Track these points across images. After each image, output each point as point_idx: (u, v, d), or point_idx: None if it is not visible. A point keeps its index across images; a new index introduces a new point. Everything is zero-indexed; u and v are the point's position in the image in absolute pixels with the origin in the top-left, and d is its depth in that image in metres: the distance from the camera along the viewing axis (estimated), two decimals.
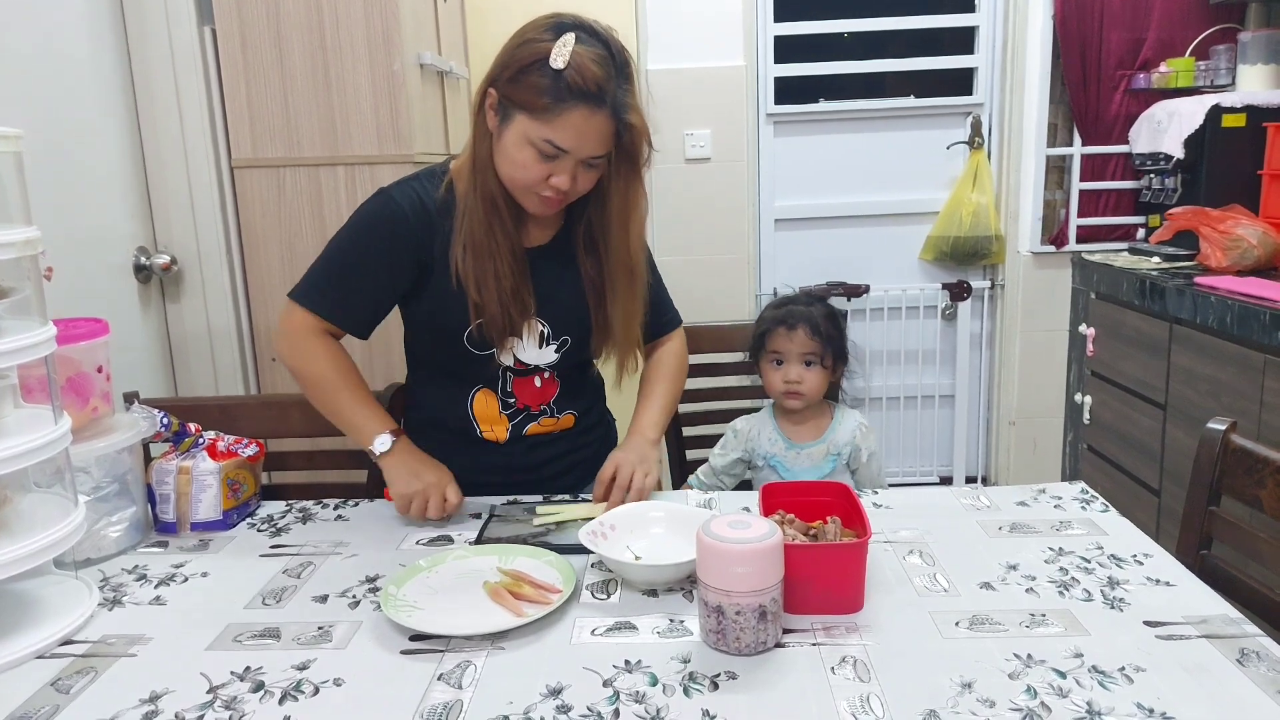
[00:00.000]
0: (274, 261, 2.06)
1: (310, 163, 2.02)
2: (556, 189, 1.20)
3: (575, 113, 1.14)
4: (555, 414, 1.41)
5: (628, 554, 1.08)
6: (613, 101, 1.16)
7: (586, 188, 1.25)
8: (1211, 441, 1.19)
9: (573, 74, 1.13)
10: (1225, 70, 2.65)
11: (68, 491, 1.05)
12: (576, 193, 1.24)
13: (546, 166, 1.19)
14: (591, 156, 1.19)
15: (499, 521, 1.23)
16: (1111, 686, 0.82)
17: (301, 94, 1.99)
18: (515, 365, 1.36)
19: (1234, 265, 2.20)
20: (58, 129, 1.74)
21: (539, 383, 1.39)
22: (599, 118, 1.15)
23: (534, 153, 1.18)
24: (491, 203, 1.25)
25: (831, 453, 1.53)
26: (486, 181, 1.24)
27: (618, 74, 1.17)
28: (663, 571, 1.03)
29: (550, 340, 1.35)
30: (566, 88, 1.13)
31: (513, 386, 1.38)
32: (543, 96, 1.14)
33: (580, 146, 1.17)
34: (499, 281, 1.26)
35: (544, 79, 1.14)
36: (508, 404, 1.38)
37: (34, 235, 0.98)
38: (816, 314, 1.51)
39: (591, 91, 1.14)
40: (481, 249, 1.25)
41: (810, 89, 3.02)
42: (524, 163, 1.19)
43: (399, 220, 1.27)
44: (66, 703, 0.84)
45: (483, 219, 1.25)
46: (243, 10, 1.96)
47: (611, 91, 1.15)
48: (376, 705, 0.83)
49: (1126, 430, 2.43)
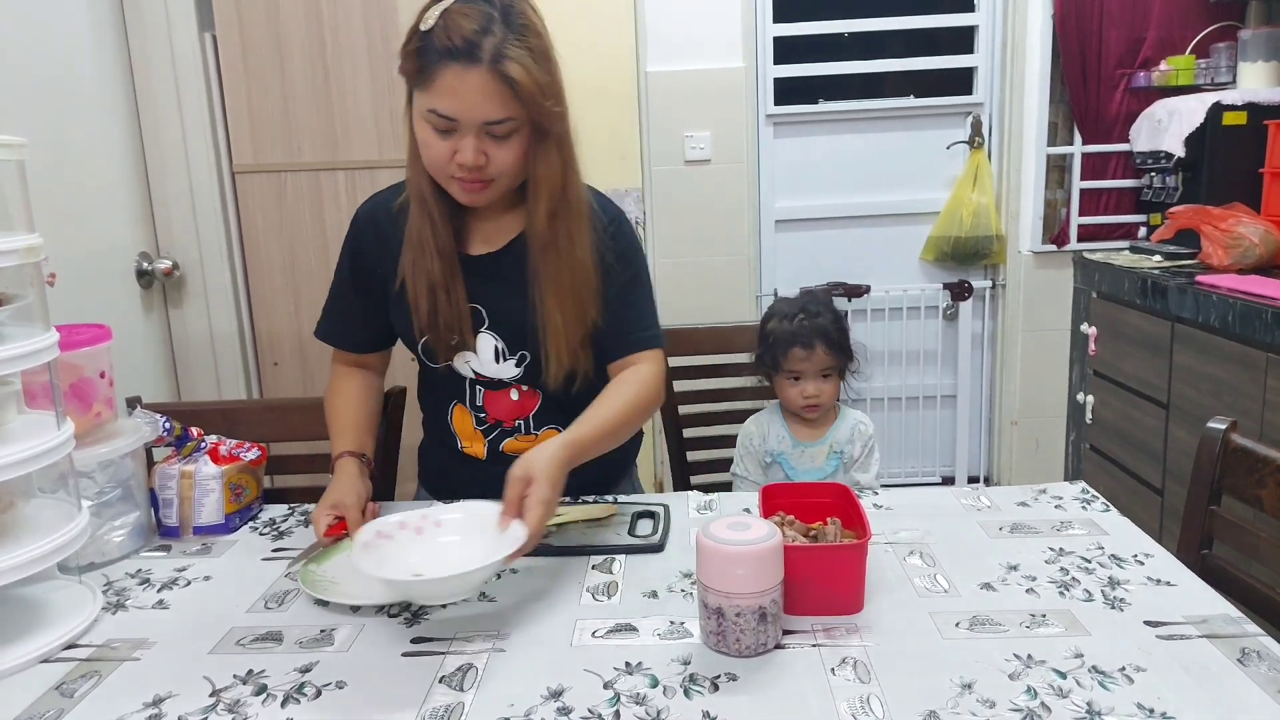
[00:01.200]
0: (275, 266, 2.07)
1: (311, 167, 2.03)
2: (463, 166, 1.12)
3: (447, 72, 1.07)
4: (533, 430, 1.33)
5: (404, 572, 0.98)
6: (491, 54, 1.06)
7: (507, 164, 1.14)
8: (1212, 441, 1.19)
9: (439, 32, 1.06)
10: (1226, 68, 2.65)
11: (71, 497, 1.05)
12: (497, 171, 1.14)
13: (448, 142, 1.11)
14: (485, 121, 1.10)
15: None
16: (1112, 686, 0.82)
17: (302, 99, 2.00)
18: (478, 378, 1.31)
19: (1236, 264, 2.20)
20: (60, 136, 1.74)
21: (515, 395, 1.32)
22: (474, 74, 1.06)
23: (430, 129, 1.11)
24: (420, 198, 1.21)
25: (834, 450, 1.54)
26: (415, 178, 1.20)
27: (505, 25, 1.07)
28: (446, 585, 0.94)
29: (507, 355, 1.29)
30: (434, 48, 1.07)
31: (483, 400, 1.33)
32: (415, 61, 1.09)
33: (464, 110, 1.08)
34: (430, 280, 1.22)
35: (416, 44, 1.09)
36: (480, 419, 1.34)
37: (36, 242, 0.98)
38: (828, 325, 1.51)
39: (459, 47, 1.05)
40: (414, 246, 1.22)
41: (810, 90, 3.02)
42: (427, 141, 1.13)
43: (360, 235, 1.32)
44: (71, 706, 0.85)
45: (416, 216, 1.21)
46: (243, 16, 1.97)
47: (488, 45, 1.06)
48: (378, 708, 0.83)
49: (1129, 430, 2.43)
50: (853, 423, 1.55)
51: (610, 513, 1.24)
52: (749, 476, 1.57)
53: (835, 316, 1.54)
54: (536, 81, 1.09)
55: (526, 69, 1.08)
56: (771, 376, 1.57)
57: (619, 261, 1.27)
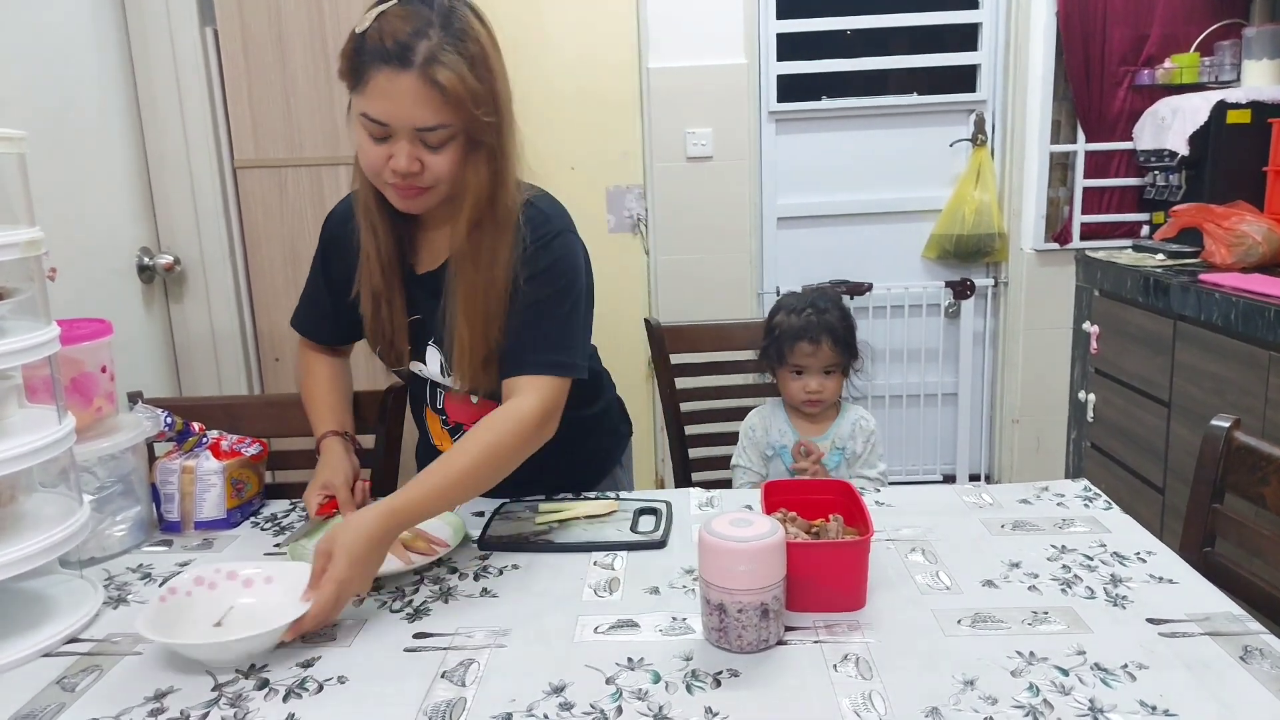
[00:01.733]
0: (276, 261, 2.07)
1: (312, 163, 2.02)
2: (396, 171, 1.08)
3: (379, 75, 1.04)
4: None
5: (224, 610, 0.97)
6: (424, 59, 1.03)
7: (443, 172, 1.10)
8: (1215, 439, 1.18)
9: (373, 34, 1.04)
10: (1230, 66, 2.64)
11: (72, 491, 1.05)
12: (435, 179, 1.10)
13: (383, 148, 1.08)
14: (417, 127, 1.06)
15: (501, 520, 1.23)
16: (1114, 684, 0.82)
17: (303, 94, 1.99)
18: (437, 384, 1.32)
19: (1239, 262, 2.20)
20: (61, 130, 1.74)
21: (475, 399, 1.30)
22: (405, 79, 1.03)
23: (365, 134, 1.09)
24: (365, 210, 1.19)
25: (837, 446, 1.54)
26: (360, 188, 1.19)
27: (442, 30, 1.04)
28: (226, 649, 0.89)
29: (448, 372, 1.27)
30: (366, 50, 1.04)
31: (443, 404, 1.34)
32: (349, 63, 1.07)
33: (395, 114, 1.05)
34: (373, 291, 1.22)
35: (351, 46, 1.07)
36: (444, 420, 1.36)
37: (37, 236, 0.98)
38: (835, 322, 1.51)
39: (390, 50, 1.02)
40: (361, 259, 1.22)
41: (812, 86, 3.02)
42: (362, 147, 1.10)
43: (331, 235, 1.32)
44: (72, 701, 0.85)
45: (361, 229, 1.21)
46: (244, 11, 1.96)
47: (422, 49, 1.03)
48: (380, 702, 0.83)
49: (1130, 428, 2.43)
50: (854, 419, 1.55)
51: (611, 509, 1.24)
52: (751, 467, 1.57)
53: (843, 314, 1.54)
54: (469, 89, 1.05)
55: (460, 76, 1.04)
56: (775, 370, 1.56)
57: (532, 280, 1.17)
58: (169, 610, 0.94)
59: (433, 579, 1.08)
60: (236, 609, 0.97)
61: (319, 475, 1.23)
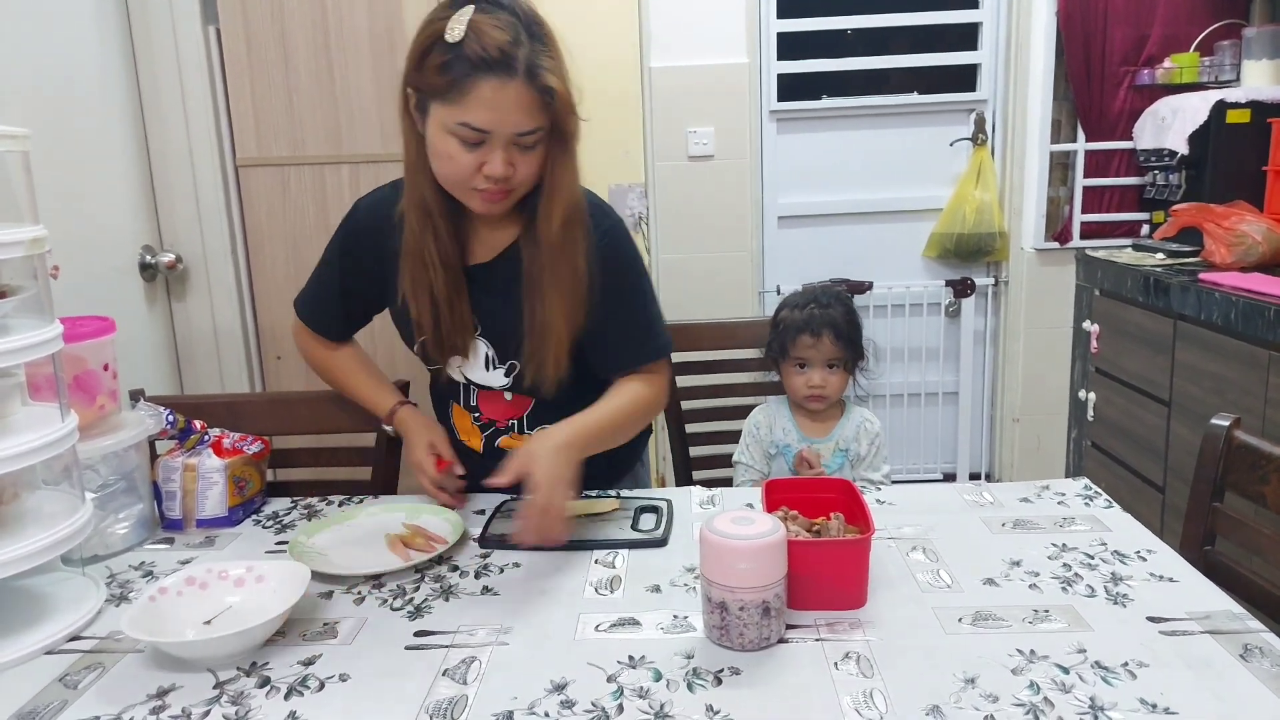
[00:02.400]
0: (279, 260, 2.07)
1: (315, 161, 2.02)
2: (491, 178, 1.10)
3: (484, 85, 1.04)
4: (526, 430, 1.33)
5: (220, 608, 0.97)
6: (525, 66, 1.04)
7: (529, 174, 1.13)
8: (1215, 437, 1.19)
9: (472, 44, 1.03)
10: (1230, 66, 2.64)
11: (75, 489, 1.05)
12: (520, 181, 1.13)
13: (475, 155, 1.09)
14: (518, 132, 1.08)
15: (503, 518, 1.23)
16: (1115, 682, 0.83)
17: (306, 93, 1.99)
18: (466, 383, 1.32)
19: (1238, 261, 2.20)
20: (64, 128, 1.74)
21: (509, 397, 1.32)
22: (512, 87, 1.04)
23: (457, 142, 1.08)
24: (424, 210, 1.18)
25: (840, 448, 1.54)
26: (418, 188, 1.17)
27: (529, 36, 1.05)
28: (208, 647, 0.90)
29: (496, 364, 1.28)
30: (468, 60, 1.03)
31: (478, 401, 1.34)
32: (445, 75, 1.05)
33: (500, 123, 1.06)
34: (433, 295, 1.21)
35: (444, 56, 1.05)
36: (476, 418, 1.36)
37: (40, 234, 0.98)
38: (839, 317, 1.51)
39: (495, 58, 1.03)
40: (416, 260, 1.20)
41: (813, 86, 3.02)
42: (450, 154, 1.09)
43: (359, 230, 1.31)
44: (74, 698, 0.85)
45: (416, 229, 1.18)
46: (247, 9, 1.96)
47: (522, 56, 1.04)
48: (382, 700, 0.83)
49: (1130, 427, 2.43)
50: (859, 420, 1.55)
51: (613, 507, 1.24)
52: (753, 464, 1.57)
53: (848, 310, 1.54)
54: (568, 89, 1.09)
55: (560, 78, 1.07)
56: (779, 365, 1.56)
57: (613, 273, 1.24)
58: (159, 609, 0.94)
59: (434, 577, 1.08)
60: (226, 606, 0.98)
61: (418, 439, 1.28)
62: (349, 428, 1.56)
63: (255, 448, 1.31)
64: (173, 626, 0.93)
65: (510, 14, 1.06)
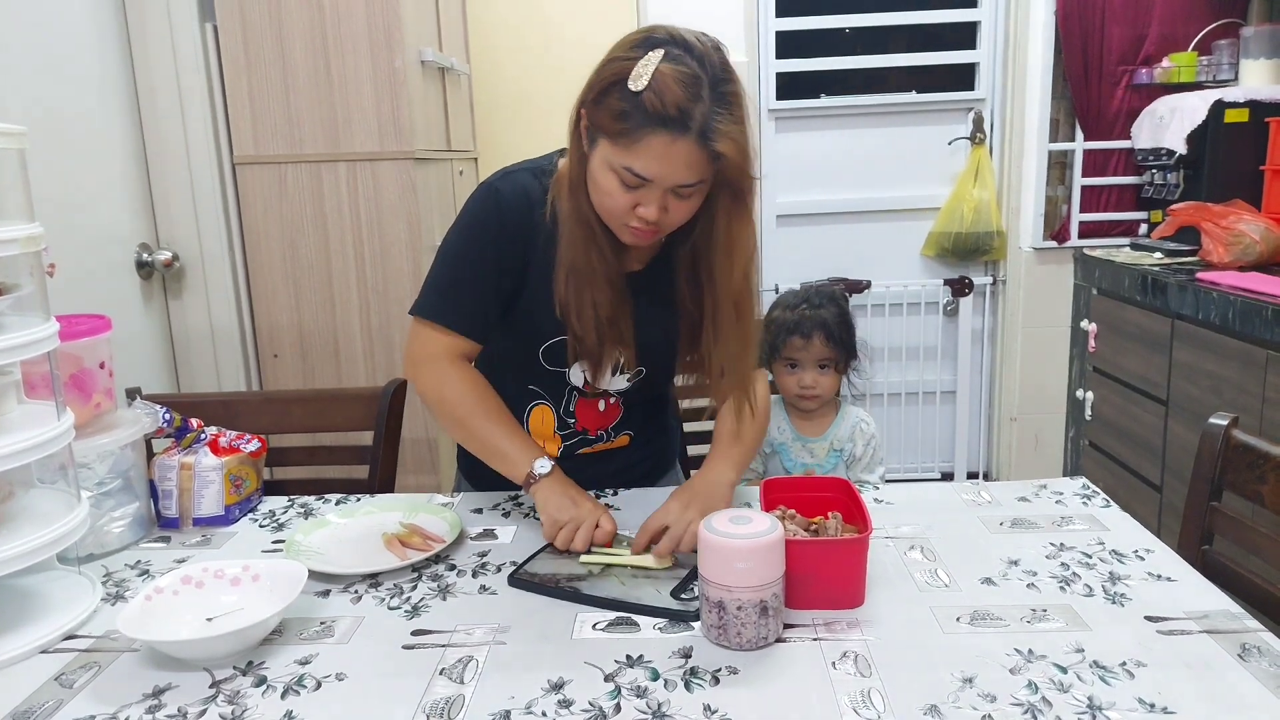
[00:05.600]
0: (275, 258, 2.07)
1: (312, 159, 2.02)
2: (644, 220, 1.09)
3: (655, 139, 1.03)
4: (609, 438, 1.34)
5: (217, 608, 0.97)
6: (700, 127, 1.02)
7: (681, 218, 1.13)
8: (1213, 437, 1.19)
9: (651, 96, 1.01)
10: (1228, 65, 2.65)
11: (71, 487, 1.05)
12: (670, 224, 1.12)
13: (632, 196, 1.08)
14: (679, 185, 1.07)
15: (547, 557, 1.11)
16: (1113, 681, 0.82)
17: (303, 91, 1.99)
18: (584, 387, 1.29)
19: (1236, 261, 2.20)
20: (60, 126, 1.74)
21: (603, 406, 1.31)
22: (682, 144, 1.03)
23: (617, 181, 1.07)
24: (587, 228, 1.15)
25: (835, 448, 1.54)
26: (580, 206, 1.15)
27: (712, 95, 1.03)
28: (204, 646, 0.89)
29: (625, 369, 1.27)
30: (644, 111, 1.02)
31: (575, 407, 1.31)
32: (620, 121, 1.04)
33: (663, 175, 1.05)
34: (596, 310, 1.18)
35: (622, 102, 1.03)
36: (565, 423, 1.31)
37: (37, 231, 0.98)
38: (830, 318, 1.51)
39: (672, 116, 1.01)
40: (580, 275, 1.17)
41: (812, 84, 3.02)
42: (608, 190, 1.09)
43: (505, 215, 1.21)
44: (70, 697, 0.85)
45: (580, 244, 1.16)
46: (244, 7, 1.96)
47: (699, 114, 1.02)
48: (379, 699, 0.83)
49: (1128, 426, 2.43)
50: (854, 421, 1.55)
51: (667, 565, 1.08)
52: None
53: (840, 311, 1.54)
54: (741, 152, 1.06)
55: (734, 142, 1.05)
56: (771, 365, 1.56)
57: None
58: (155, 608, 0.94)
59: (431, 576, 1.08)
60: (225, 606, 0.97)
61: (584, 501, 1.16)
62: (346, 426, 1.56)
63: (252, 446, 1.30)
64: (169, 625, 0.93)
65: (699, 66, 1.05)
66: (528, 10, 2.73)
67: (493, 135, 2.63)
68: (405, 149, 2.01)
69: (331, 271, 2.06)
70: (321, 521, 1.20)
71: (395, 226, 2.04)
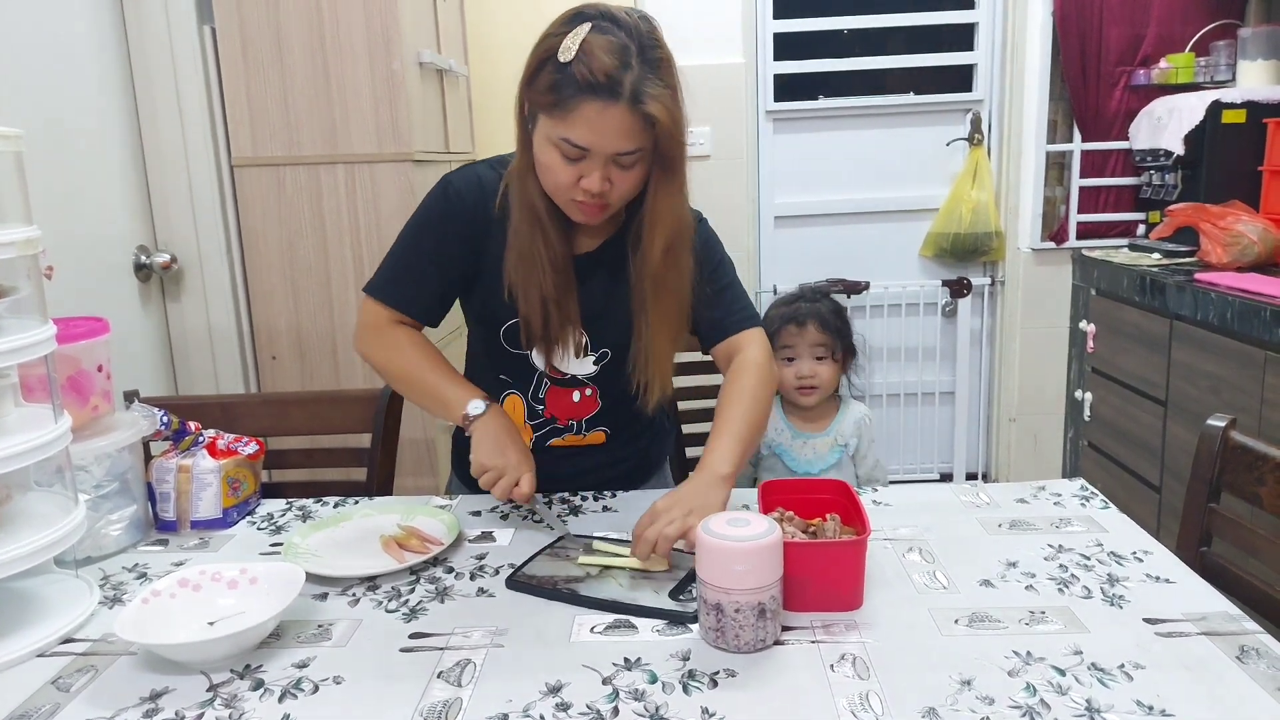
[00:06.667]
0: (274, 260, 2.06)
1: (310, 161, 2.02)
2: (587, 192, 1.12)
3: (587, 107, 1.06)
4: (583, 431, 1.35)
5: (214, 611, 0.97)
6: (631, 92, 1.05)
7: (628, 189, 1.15)
8: (1211, 438, 1.19)
9: (580, 65, 1.05)
10: (1225, 66, 2.65)
11: (68, 490, 1.05)
12: (618, 196, 1.15)
13: (574, 169, 1.11)
14: (617, 153, 1.10)
15: (547, 558, 1.11)
16: (1111, 684, 0.82)
17: (301, 93, 1.99)
18: (552, 374, 1.31)
19: (1234, 261, 2.20)
20: (58, 128, 1.74)
21: (578, 397, 1.33)
22: (615, 111, 1.06)
23: (558, 154, 1.11)
24: (532, 211, 1.19)
25: (839, 444, 1.54)
26: (526, 190, 1.18)
27: (641, 61, 1.07)
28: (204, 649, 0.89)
29: (588, 351, 1.30)
30: (574, 82, 1.05)
31: (545, 394, 1.33)
32: (552, 93, 1.07)
33: (599, 143, 1.08)
34: (541, 292, 1.21)
35: (554, 74, 1.07)
36: (534, 412, 1.34)
37: (34, 234, 0.98)
38: (824, 309, 1.53)
39: (600, 83, 1.05)
40: (527, 260, 1.20)
41: (810, 86, 3.02)
42: (551, 165, 1.12)
43: (454, 206, 1.26)
44: (67, 701, 0.85)
45: (526, 230, 1.19)
46: (243, 9, 1.96)
47: (629, 81, 1.05)
48: (376, 703, 0.83)
49: (1127, 427, 2.43)
50: (857, 416, 1.56)
51: (665, 567, 1.07)
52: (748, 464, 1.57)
53: (834, 306, 1.56)
54: (673, 118, 1.10)
55: (665, 106, 1.08)
56: None
57: (711, 272, 1.30)
58: (153, 611, 0.94)
59: (429, 578, 1.08)
60: (223, 609, 0.97)
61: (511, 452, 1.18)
62: (344, 429, 1.56)
63: (250, 449, 1.30)
64: (166, 629, 0.93)
65: (626, 34, 1.07)
66: (526, 12, 2.73)
67: (491, 137, 2.63)
68: (403, 151, 2.00)
69: (330, 273, 2.06)
70: (319, 524, 1.20)
71: (394, 228, 2.02)
